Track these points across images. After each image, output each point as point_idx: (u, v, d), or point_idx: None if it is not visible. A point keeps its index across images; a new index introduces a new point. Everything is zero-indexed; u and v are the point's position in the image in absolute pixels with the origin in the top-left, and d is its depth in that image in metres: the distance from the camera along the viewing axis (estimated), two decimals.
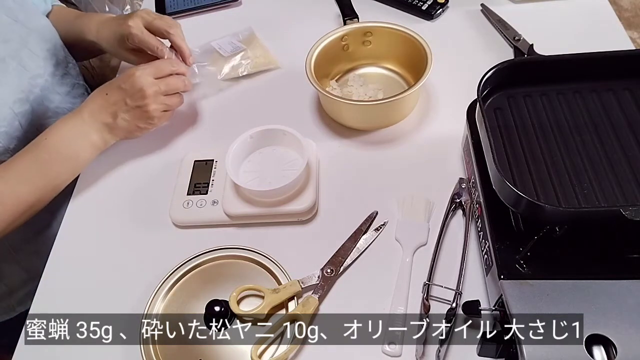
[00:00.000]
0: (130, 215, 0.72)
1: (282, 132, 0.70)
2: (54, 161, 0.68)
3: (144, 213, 0.71)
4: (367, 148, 0.75)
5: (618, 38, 0.83)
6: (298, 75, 0.76)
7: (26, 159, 0.67)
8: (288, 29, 0.94)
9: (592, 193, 0.53)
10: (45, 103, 0.78)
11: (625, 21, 2.02)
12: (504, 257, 0.51)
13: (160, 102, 0.70)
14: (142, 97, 0.68)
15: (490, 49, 0.85)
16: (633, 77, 0.61)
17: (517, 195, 0.48)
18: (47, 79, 0.78)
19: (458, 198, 0.66)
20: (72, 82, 0.84)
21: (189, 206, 0.68)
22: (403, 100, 0.71)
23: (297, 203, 0.66)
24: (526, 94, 0.62)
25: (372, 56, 0.83)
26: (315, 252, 0.63)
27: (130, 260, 0.67)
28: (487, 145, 0.54)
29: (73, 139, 0.69)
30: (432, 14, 0.90)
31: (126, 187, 0.75)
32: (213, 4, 0.99)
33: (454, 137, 0.71)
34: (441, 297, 0.58)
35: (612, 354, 0.44)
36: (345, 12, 0.91)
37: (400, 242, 0.64)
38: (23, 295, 0.85)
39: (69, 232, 0.71)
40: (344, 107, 0.75)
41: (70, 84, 0.83)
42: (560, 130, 0.58)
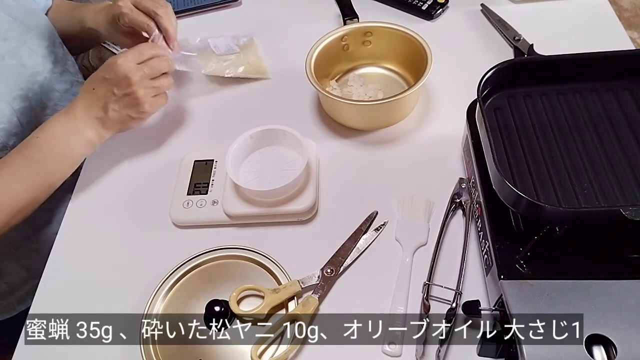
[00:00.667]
0: (130, 215, 0.72)
1: (282, 132, 0.70)
2: (48, 160, 0.67)
3: (144, 213, 0.71)
4: (367, 148, 0.75)
5: (618, 38, 0.83)
6: (298, 75, 0.76)
7: (19, 158, 0.66)
8: (288, 29, 0.94)
9: (592, 193, 0.53)
10: (44, 100, 0.78)
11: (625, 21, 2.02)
12: (504, 257, 0.51)
13: (148, 86, 0.68)
14: (129, 84, 0.66)
15: (490, 49, 0.85)
16: (633, 77, 0.61)
17: (517, 195, 0.48)
18: (46, 76, 0.78)
19: (458, 198, 0.66)
20: (71, 80, 0.84)
21: (189, 206, 0.68)
22: (403, 100, 0.71)
23: (297, 203, 0.66)
24: (526, 94, 0.62)
25: (372, 56, 0.83)
26: (315, 252, 0.63)
27: (130, 260, 0.67)
28: (487, 145, 0.54)
29: (67, 136, 0.68)
30: (432, 14, 0.90)
31: (126, 187, 0.75)
32: (213, 4, 0.99)
33: (454, 137, 0.71)
34: (441, 297, 0.58)
35: (612, 354, 0.44)
36: (345, 12, 0.91)
37: (400, 242, 0.64)
38: (23, 293, 0.85)
39: (69, 232, 0.71)
40: (344, 107, 0.75)
41: (69, 81, 0.84)
42: (560, 130, 0.58)
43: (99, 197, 0.74)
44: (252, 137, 0.70)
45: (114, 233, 0.70)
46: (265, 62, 0.88)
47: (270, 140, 0.71)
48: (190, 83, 0.87)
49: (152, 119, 0.82)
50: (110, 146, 0.79)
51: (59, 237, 0.71)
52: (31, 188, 0.66)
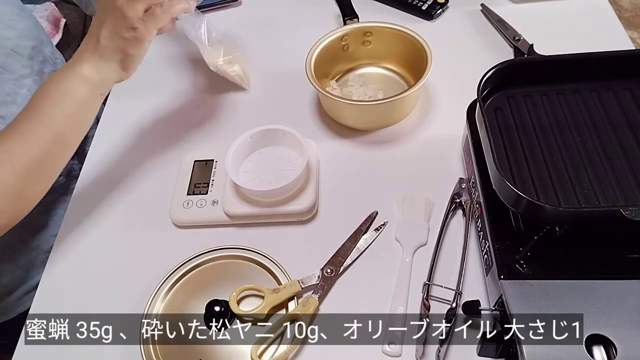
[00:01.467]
0: (130, 215, 0.72)
1: (282, 132, 0.70)
2: (45, 104, 0.60)
3: (144, 213, 0.71)
4: (367, 148, 0.75)
5: (618, 38, 0.83)
6: (298, 75, 0.76)
7: (16, 119, 0.60)
8: (288, 29, 0.94)
9: (592, 193, 0.53)
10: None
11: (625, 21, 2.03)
12: (504, 257, 0.51)
13: (136, 3, 0.60)
14: (114, 6, 0.59)
15: (490, 49, 0.85)
16: (633, 77, 0.61)
17: (517, 195, 0.48)
18: (35, 78, 0.77)
19: (458, 198, 0.66)
20: None
21: (189, 206, 0.68)
22: (403, 100, 0.71)
23: (297, 203, 0.66)
24: (526, 94, 0.62)
25: (372, 56, 0.83)
26: (315, 252, 0.63)
27: (130, 260, 0.67)
28: (487, 145, 0.54)
29: (60, 76, 0.61)
30: (432, 14, 0.90)
31: (126, 187, 0.75)
32: (213, 4, 0.99)
33: (454, 137, 0.71)
34: (441, 297, 0.58)
35: (612, 354, 0.44)
36: (345, 12, 0.91)
37: (400, 242, 0.64)
38: (22, 294, 0.85)
39: (69, 232, 0.71)
40: (344, 107, 0.75)
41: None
42: (560, 130, 0.58)
43: (99, 197, 0.74)
44: (252, 137, 0.70)
45: (114, 233, 0.70)
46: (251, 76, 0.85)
47: (270, 140, 0.71)
48: (190, 83, 0.87)
49: (152, 119, 0.82)
50: (111, 146, 0.79)
51: (59, 237, 0.71)
52: (37, 141, 0.59)
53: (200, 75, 0.88)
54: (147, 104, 0.85)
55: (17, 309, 0.85)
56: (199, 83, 0.87)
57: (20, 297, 0.85)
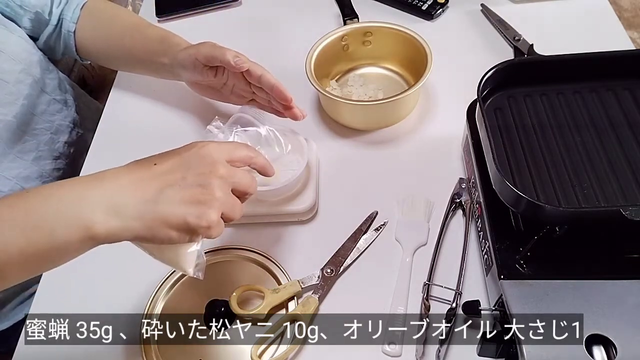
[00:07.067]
0: None
1: (282, 132, 0.70)
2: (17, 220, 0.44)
3: None
4: (367, 148, 0.75)
5: (618, 38, 0.83)
6: (298, 75, 0.76)
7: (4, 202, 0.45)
8: (288, 29, 0.94)
9: (592, 193, 0.53)
10: (21, 127, 0.74)
11: (625, 21, 2.02)
12: (504, 257, 0.51)
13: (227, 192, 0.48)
14: (212, 172, 0.47)
15: (490, 49, 0.85)
16: (633, 77, 0.61)
17: (517, 195, 0.48)
18: (24, 103, 0.74)
19: (458, 198, 0.66)
20: (49, 99, 0.80)
21: None
22: (403, 100, 0.71)
23: (297, 203, 0.66)
24: (526, 94, 0.62)
25: (372, 56, 0.83)
26: (315, 252, 0.63)
27: (130, 260, 0.67)
28: (487, 145, 0.54)
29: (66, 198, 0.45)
30: (432, 14, 0.90)
31: None
32: (213, 3, 0.99)
33: (454, 137, 0.71)
34: (441, 297, 0.58)
35: (612, 354, 0.44)
36: (345, 12, 0.91)
37: (400, 242, 0.64)
38: (17, 303, 0.83)
39: None
40: (344, 107, 0.75)
41: (46, 101, 0.79)
42: (560, 130, 0.58)
43: None
44: (252, 137, 0.70)
45: None
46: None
47: (270, 140, 0.71)
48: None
49: (152, 119, 0.82)
50: (110, 147, 0.79)
51: None
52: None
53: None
54: (147, 104, 0.84)
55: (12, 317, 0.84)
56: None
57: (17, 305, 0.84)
